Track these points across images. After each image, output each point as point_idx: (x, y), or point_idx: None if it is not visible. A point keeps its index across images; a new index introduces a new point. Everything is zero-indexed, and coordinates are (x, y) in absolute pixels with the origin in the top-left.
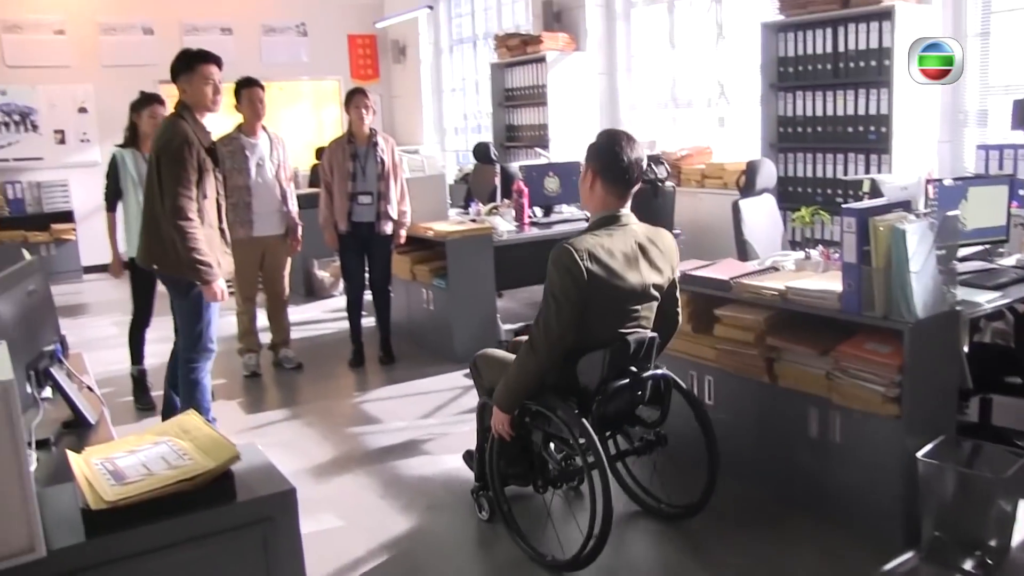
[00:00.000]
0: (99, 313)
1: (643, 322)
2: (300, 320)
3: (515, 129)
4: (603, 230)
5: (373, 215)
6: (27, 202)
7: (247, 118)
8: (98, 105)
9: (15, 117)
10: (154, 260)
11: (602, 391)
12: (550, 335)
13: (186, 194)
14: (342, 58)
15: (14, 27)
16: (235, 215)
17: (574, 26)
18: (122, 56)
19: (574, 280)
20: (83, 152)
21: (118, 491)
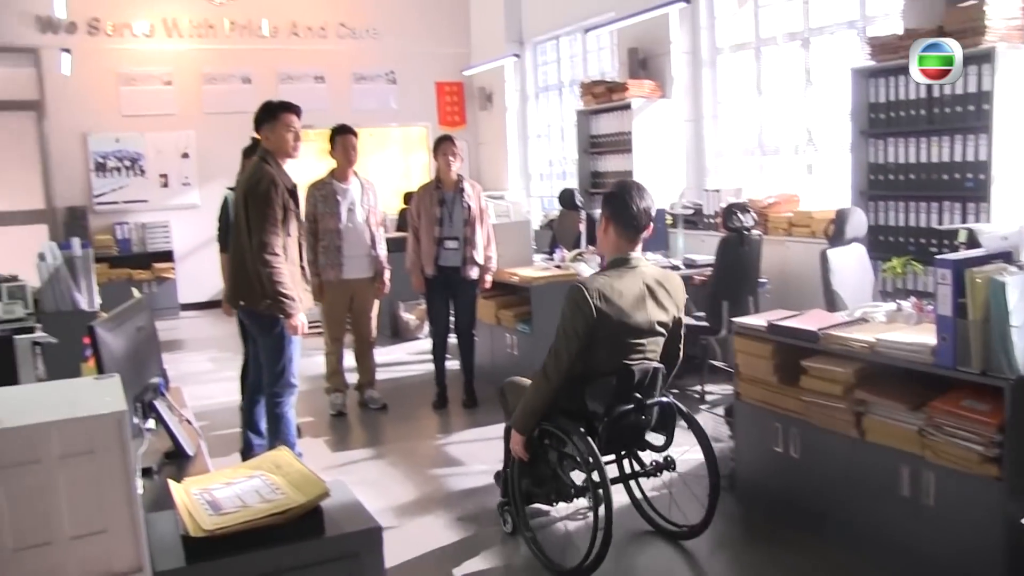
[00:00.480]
0: (196, 349)
1: (649, 355)
2: (386, 361)
3: (600, 175)
4: (614, 271)
5: (459, 260)
6: (133, 242)
7: (340, 164)
8: (199, 150)
9: (126, 162)
10: (240, 296)
11: (608, 415)
12: (560, 364)
13: (272, 231)
14: (430, 105)
15: (130, 80)
16: (326, 258)
17: (660, 73)
18: (222, 104)
19: (584, 316)
20: (184, 195)
21: (215, 521)
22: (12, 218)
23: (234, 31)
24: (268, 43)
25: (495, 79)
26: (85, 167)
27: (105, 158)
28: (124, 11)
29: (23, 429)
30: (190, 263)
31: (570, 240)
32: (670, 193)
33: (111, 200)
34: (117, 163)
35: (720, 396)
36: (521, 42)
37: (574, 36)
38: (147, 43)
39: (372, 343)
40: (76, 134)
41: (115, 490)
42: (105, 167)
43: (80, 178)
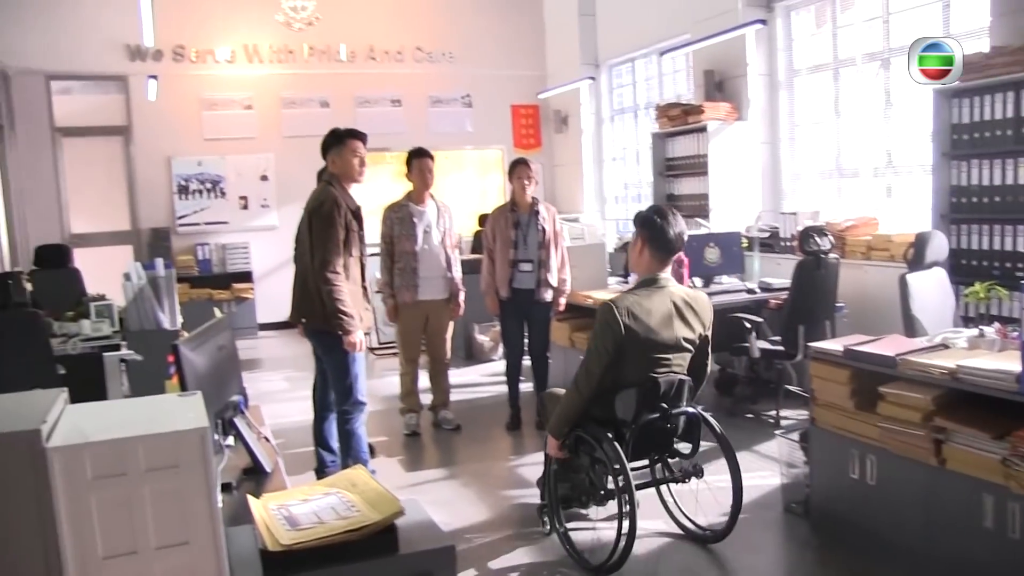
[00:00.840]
0: (273, 368)
1: (675, 368)
2: (460, 383)
3: (675, 198)
4: (644, 290)
5: (534, 282)
6: (213, 263)
7: (416, 187)
8: (278, 173)
9: (207, 185)
10: (303, 315)
11: (635, 423)
12: (590, 376)
13: (334, 251)
14: (505, 128)
15: (212, 104)
16: (401, 279)
17: (736, 95)
18: (300, 127)
19: (612, 333)
20: (263, 216)
21: (292, 536)
22: (100, 239)
23: (313, 56)
24: (346, 67)
25: (570, 102)
26: (169, 189)
27: (188, 181)
28: (208, 38)
29: (112, 443)
30: (268, 284)
31: None
32: (746, 216)
33: (193, 221)
34: (199, 185)
35: (795, 421)
36: (596, 65)
37: (649, 59)
38: (229, 69)
39: (447, 364)
40: (160, 157)
41: (197, 504)
42: (187, 189)
43: (164, 200)
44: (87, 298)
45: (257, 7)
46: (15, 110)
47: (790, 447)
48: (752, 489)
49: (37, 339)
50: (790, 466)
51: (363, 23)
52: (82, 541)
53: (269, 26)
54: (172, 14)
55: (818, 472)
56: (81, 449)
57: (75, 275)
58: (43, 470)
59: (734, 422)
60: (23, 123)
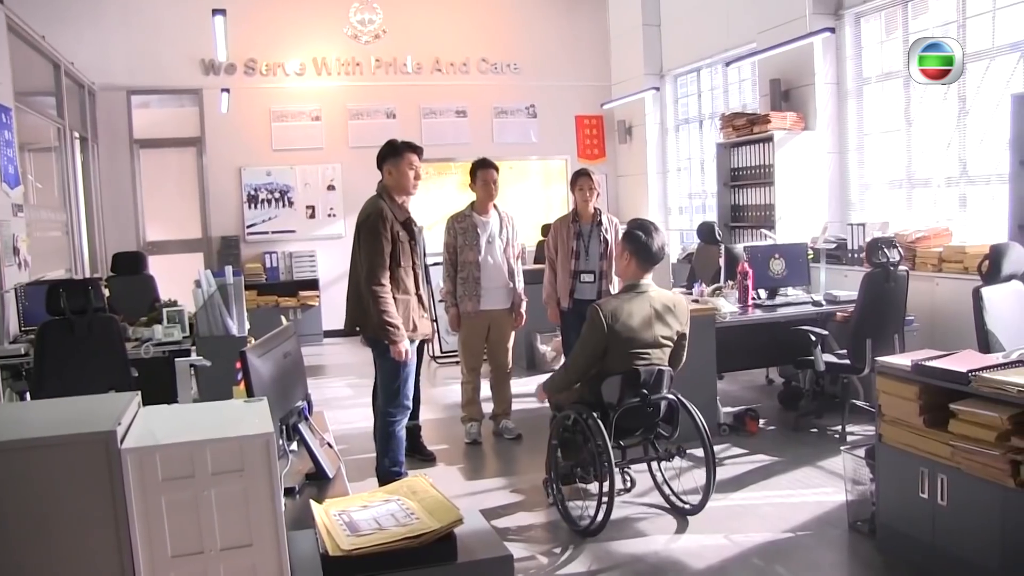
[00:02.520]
0: (336, 375)
1: (655, 361)
2: (521, 392)
3: (740, 209)
4: (627, 294)
5: (595, 293)
6: (280, 270)
7: (480, 197)
8: (344, 183)
9: (276, 195)
10: (356, 322)
11: (619, 406)
12: (576, 364)
13: (379, 262)
14: (569, 138)
15: (281, 116)
16: (464, 289)
17: (803, 105)
18: (366, 138)
19: (596, 332)
20: (329, 226)
21: (353, 541)
22: (173, 247)
23: (380, 68)
24: (412, 79)
25: (635, 112)
26: (239, 199)
27: (257, 190)
28: (278, 52)
29: (181, 446)
30: (334, 292)
31: (709, 274)
32: (812, 227)
33: (261, 230)
34: (268, 195)
35: (861, 437)
36: (661, 75)
37: (714, 68)
38: (297, 81)
39: (508, 374)
40: (231, 168)
41: (261, 507)
42: (257, 199)
43: (234, 209)
44: (160, 304)
45: (326, 21)
46: (98, 123)
47: (856, 463)
48: (816, 505)
49: (113, 343)
50: (856, 483)
51: (429, 35)
52: (152, 540)
53: (337, 39)
54: (244, 29)
55: (885, 490)
56: (153, 451)
57: (149, 282)
58: (118, 470)
59: (798, 436)
60: (105, 135)
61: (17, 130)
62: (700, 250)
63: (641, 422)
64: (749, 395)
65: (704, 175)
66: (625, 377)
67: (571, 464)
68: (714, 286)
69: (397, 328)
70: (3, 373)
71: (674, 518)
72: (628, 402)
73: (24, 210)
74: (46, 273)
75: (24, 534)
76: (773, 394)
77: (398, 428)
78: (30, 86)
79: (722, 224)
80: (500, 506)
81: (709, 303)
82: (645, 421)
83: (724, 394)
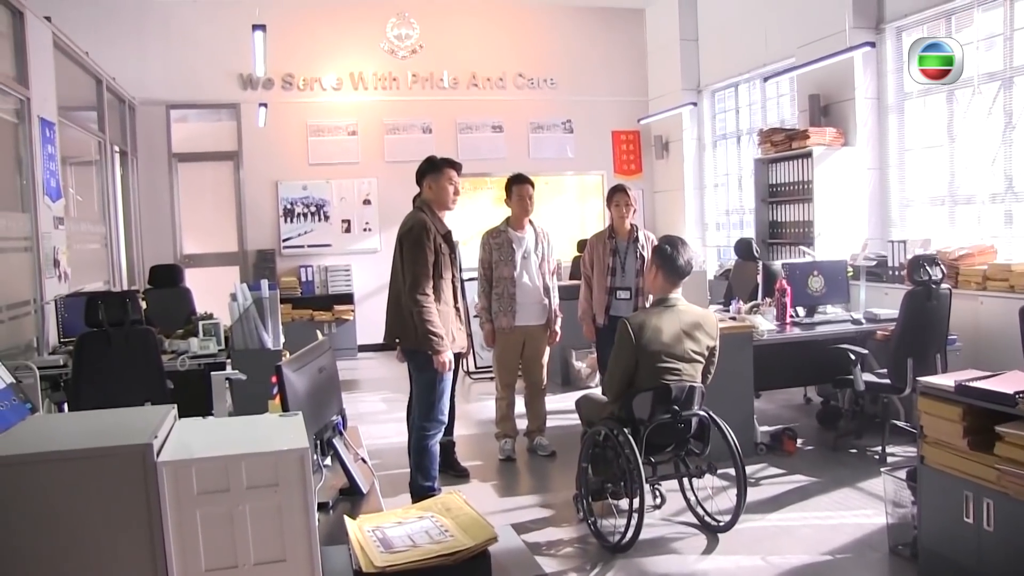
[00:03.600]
0: (371, 389)
1: (685, 377)
2: (556, 409)
3: (778, 225)
4: (656, 309)
5: (631, 310)
6: (316, 284)
7: (515, 213)
8: (380, 197)
9: (312, 208)
10: (396, 334)
11: (650, 422)
12: (613, 380)
13: (423, 272)
14: (606, 153)
15: (317, 130)
16: (499, 304)
17: (843, 120)
18: (402, 153)
19: (626, 345)
20: (365, 240)
21: (386, 558)
22: (209, 260)
23: (416, 83)
24: (448, 94)
25: (672, 127)
26: (275, 212)
27: (293, 204)
28: (315, 66)
29: (217, 460)
30: (369, 306)
31: (747, 291)
32: (852, 244)
33: (297, 244)
34: (304, 209)
35: (902, 458)
36: (699, 90)
37: (752, 83)
38: (334, 96)
39: (543, 390)
40: (268, 181)
41: (295, 522)
42: (293, 213)
43: (270, 223)
44: (196, 317)
45: (362, 36)
46: (138, 137)
47: (897, 485)
48: (855, 528)
49: (150, 355)
50: (897, 506)
51: (465, 50)
52: (187, 553)
53: (374, 54)
54: (282, 44)
55: (927, 513)
56: (189, 464)
57: (186, 294)
58: (154, 482)
59: (836, 457)
60: (144, 149)
61: (60, 144)
62: (737, 267)
63: (672, 438)
64: (787, 414)
65: (742, 191)
66: (656, 393)
67: (601, 480)
68: (751, 303)
69: (441, 338)
70: (43, 384)
71: (706, 536)
72: (659, 418)
73: (64, 223)
74: (85, 285)
75: (60, 544)
76: (811, 413)
77: (432, 443)
78: (73, 101)
79: (760, 240)
80: (531, 520)
81: (746, 320)
82: (676, 437)
83: (761, 413)
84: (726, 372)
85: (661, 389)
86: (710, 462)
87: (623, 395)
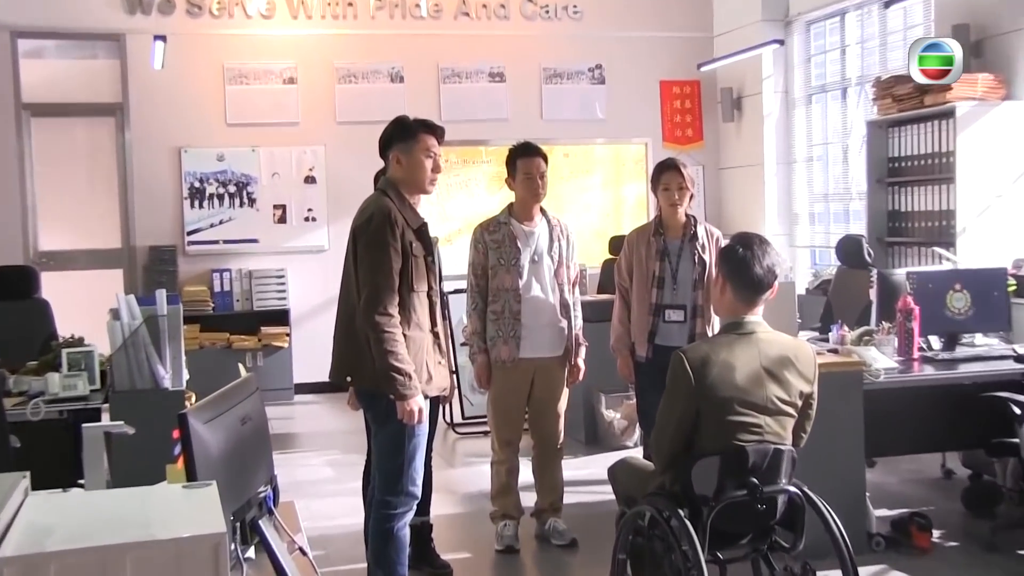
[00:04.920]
0: (314, 447)
1: (768, 435)
2: (578, 478)
3: (902, 217)
4: (725, 337)
5: (685, 337)
6: (235, 296)
7: (521, 198)
8: (330, 173)
9: (231, 188)
10: (348, 370)
11: (716, 500)
12: (663, 441)
13: (386, 283)
14: (651, 114)
15: (239, 77)
16: (498, 328)
17: (1003, 62)
18: (363, 110)
19: (681, 390)
20: (307, 234)
21: None
22: (79, 260)
23: (381, 10)
24: (427, 27)
25: (747, 76)
26: (176, 193)
27: (203, 181)
28: None
29: (89, 552)
30: (312, 328)
31: (854, 312)
32: (1014, 245)
33: (209, 239)
34: (219, 189)
35: None
36: (787, 21)
37: (867, 11)
38: (264, 28)
39: (559, 451)
40: (167, 148)
41: None
42: (202, 194)
43: (169, 208)
44: (57, 343)
45: None
46: None
47: None
48: None
49: None
50: None
51: None
52: None
53: None
54: None
55: None
56: (46, 560)
57: (42, 309)
58: None
59: (993, 559)
60: None
61: None
62: (841, 277)
63: (749, 525)
64: (916, 493)
65: (848, 167)
66: (724, 459)
67: None
68: (862, 329)
69: (409, 377)
70: None
71: None
72: (730, 495)
73: None
74: None
75: None
76: (955, 492)
77: (400, 527)
78: None
79: (874, 239)
80: None
81: (854, 354)
82: (755, 524)
83: (878, 490)
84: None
85: (733, 454)
86: (805, 561)
87: (677, 461)
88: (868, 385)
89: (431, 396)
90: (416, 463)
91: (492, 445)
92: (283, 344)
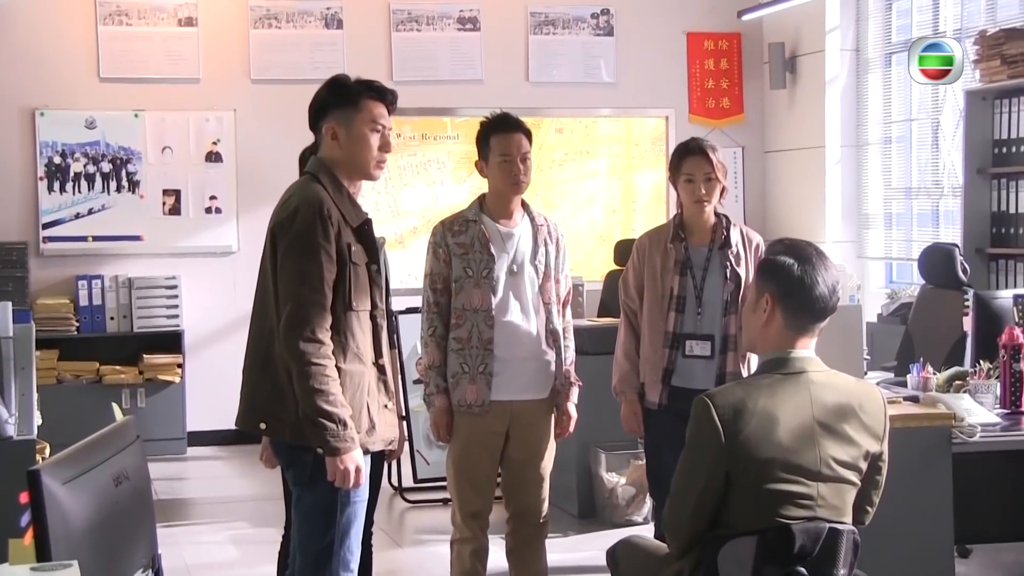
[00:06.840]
0: (213, 518)
1: (821, 509)
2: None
3: (1011, 221)
4: (767, 377)
5: (712, 378)
6: (108, 313)
7: (497, 188)
8: (240, 148)
9: (104, 166)
10: (261, 415)
11: None
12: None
13: (315, 299)
14: (675, 77)
15: (117, 16)
16: (462, 359)
17: None
18: (286, 64)
19: (704, 444)
20: (207, 229)
21: None
22: None
23: None
24: None
25: (803, 30)
26: (29, 171)
27: (66, 157)
28: None
29: None
30: (212, 358)
31: (942, 346)
32: None
33: (73, 234)
34: (88, 166)
35: None
36: None
37: None
38: None
39: (543, 528)
40: (16, 111)
41: None
42: (65, 173)
43: (19, 191)
44: None
45: None
46: None
47: None
48: None
49: None
50: None
51: None
52: None
53: None
54: None
55: None
56: None
57: None
58: None
59: None
60: None
61: None
62: (925, 299)
63: None
64: None
65: (939, 152)
66: (763, 541)
67: None
68: (952, 371)
69: (344, 425)
70: None
71: None
72: None
73: None
74: None
75: None
76: None
77: None
78: None
79: (971, 250)
80: None
81: (940, 404)
82: None
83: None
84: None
85: (774, 534)
86: None
87: (700, 543)
88: (959, 446)
89: (373, 451)
90: (351, 541)
91: (453, 518)
92: (173, 378)
